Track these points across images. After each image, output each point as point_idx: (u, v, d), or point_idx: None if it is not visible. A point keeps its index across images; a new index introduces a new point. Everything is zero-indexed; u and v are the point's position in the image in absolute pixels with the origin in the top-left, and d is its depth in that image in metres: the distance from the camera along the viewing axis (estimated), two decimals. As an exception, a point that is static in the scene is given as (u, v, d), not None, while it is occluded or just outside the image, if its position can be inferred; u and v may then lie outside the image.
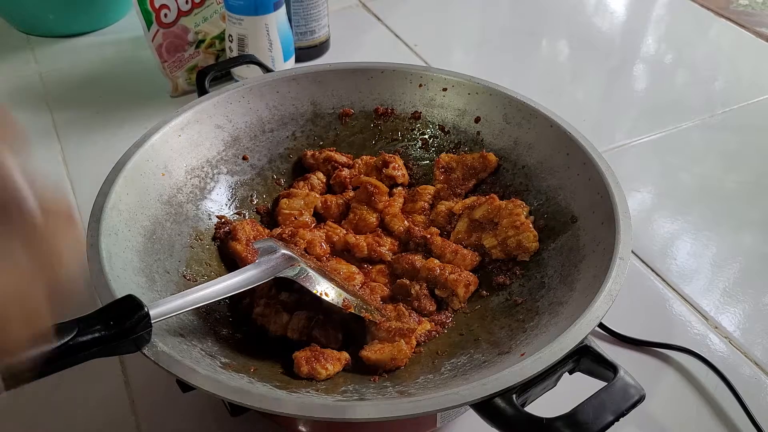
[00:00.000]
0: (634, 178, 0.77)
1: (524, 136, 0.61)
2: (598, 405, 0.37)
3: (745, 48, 1.01)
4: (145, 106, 0.87)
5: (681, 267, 0.67)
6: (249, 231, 0.58)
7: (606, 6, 1.13)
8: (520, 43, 1.02)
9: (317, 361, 0.47)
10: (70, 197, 0.75)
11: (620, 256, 0.47)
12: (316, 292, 0.49)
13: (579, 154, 0.56)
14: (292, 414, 0.38)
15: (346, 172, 0.65)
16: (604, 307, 0.44)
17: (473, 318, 0.54)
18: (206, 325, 0.50)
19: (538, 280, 0.54)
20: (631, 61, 0.99)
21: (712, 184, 0.78)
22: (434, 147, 0.67)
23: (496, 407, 0.38)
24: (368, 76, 0.67)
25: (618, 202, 0.51)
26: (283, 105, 0.66)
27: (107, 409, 0.55)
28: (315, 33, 0.94)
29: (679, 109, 0.88)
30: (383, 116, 0.67)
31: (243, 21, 0.82)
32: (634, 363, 0.58)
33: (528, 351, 0.43)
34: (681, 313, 0.63)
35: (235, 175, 0.63)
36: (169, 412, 0.55)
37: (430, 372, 0.48)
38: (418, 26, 1.04)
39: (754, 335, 0.60)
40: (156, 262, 0.52)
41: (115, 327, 0.39)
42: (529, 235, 0.56)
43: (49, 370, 0.37)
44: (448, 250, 0.57)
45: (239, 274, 0.47)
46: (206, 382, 0.40)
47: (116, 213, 0.51)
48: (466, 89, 0.65)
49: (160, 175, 0.57)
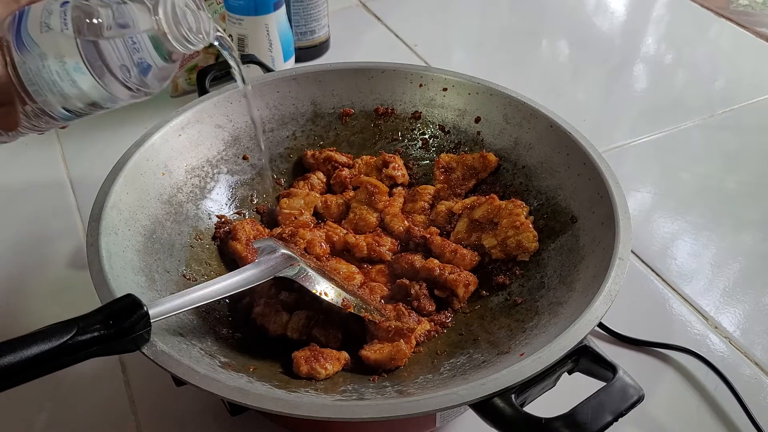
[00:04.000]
0: (634, 178, 0.77)
1: (524, 136, 0.61)
2: (597, 405, 0.37)
3: (745, 48, 1.01)
4: (145, 106, 0.86)
5: (681, 267, 0.67)
6: (249, 231, 0.58)
7: (606, 6, 1.12)
8: (520, 43, 1.02)
9: (317, 360, 0.47)
10: (70, 195, 0.75)
11: (620, 256, 0.47)
12: (316, 292, 0.49)
13: (579, 154, 0.56)
14: (291, 414, 0.38)
15: (346, 172, 0.65)
16: (604, 308, 0.44)
17: (473, 318, 0.54)
18: (206, 325, 0.50)
19: (538, 280, 0.54)
20: (631, 61, 0.99)
21: (712, 184, 0.78)
22: (434, 147, 0.67)
23: (495, 407, 0.38)
24: (368, 76, 0.67)
25: (618, 202, 0.51)
26: (284, 105, 0.66)
27: (107, 409, 0.55)
28: (315, 33, 0.94)
29: (679, 109, 0.88)
30: (383, 116, 0.67)
31: (243, 21, 0.82)
32: (633, 363, 0.58)
33: (527, 351, 0.43)
34: (681, 313, 0.63)
35: (235, 175, 0.63)
36: (169, 412, 0.55)
37: (430, 372, 0.48)
38: (418, 26, 1.04)
39: (754, 335, 0.60)
40: (156, 262, 0.52)
41: (115, 326, 0.39)
42: (529, 235, 0.56)
43: (49, 369, 0.37)
44: (448, 250, 0.57)
45: (239, 274, 0.47)
46: (206, 382, 0.40)
47: (116, 212, 0.51)
48: (467, 89, 0.65)
49: (160, 175, 0.57)
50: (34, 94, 0.43)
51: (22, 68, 0.42)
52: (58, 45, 0.41)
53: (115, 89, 0.43)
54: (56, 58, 0.41)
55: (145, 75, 0.44)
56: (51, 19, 0.41)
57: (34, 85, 0.42)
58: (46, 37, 0.41)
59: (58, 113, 0.44)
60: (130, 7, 0.42)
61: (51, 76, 0.42)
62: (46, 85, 0.42)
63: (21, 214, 0.74)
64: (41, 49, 0.41)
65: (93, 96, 0.43)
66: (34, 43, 0.41)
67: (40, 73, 0.42)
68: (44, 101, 0.43)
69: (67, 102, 0.43)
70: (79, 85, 0.42)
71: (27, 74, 0.42)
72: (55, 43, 0.41)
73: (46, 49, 0.41)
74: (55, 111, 0.44)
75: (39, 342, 0.37)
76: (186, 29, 0.43)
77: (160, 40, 0.43)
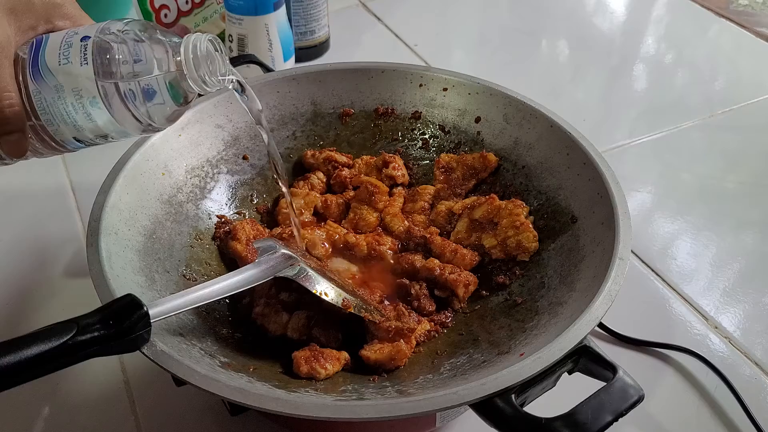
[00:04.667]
0: (634, 178, 0.77)
1: (524, 136, 0.61)
2: (597, 405, 0.37)
3: (745, 48, 1.01)
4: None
5: (681, 267, 0.67)
6: (249, 231, 0.58)
7: (606, 6, 1.12)
8: (520, 43, 1.02)
9: (317, 360, 0.47)
10: (70, 197, 0.75)
11: (620, 257, 0.47)
12: (316, 292, 0.49)
13: (579, 154, 0.56)
14: (291, 413, 0.38)
15: (347, 172, 0.65)
16: (604, 308, 0.43)
17: (473, 318, 0.54)
18: (206, 325, 0.50)
19: (538, 280, 0.54)
20: (631, 61, 0.99)
21: (712, 184, 0.78)
22: (434, 147, 0.67)
23: (495, 407, 0.38)
24: (368, 75, 0.67)
25: (618, 202, 0.51)
26: (283, 105, 0.66)
27: (107, 409, 0.55)
28: (315, 33, 0.94)
29: (679, 109, 0.88)
30: (383, 116, 0.67)
31: (243, 21, 0.82)
32: (633, 363, 0.58)
33: (527, 351, 0.43)
34: (681, 313, 0.63)
35: (235, 175, 0.63)
36: (169, 412, 0.55)
37: (430, 372, 0.48)
38: (418, 26, 1.04)
39: (754, 335, 0.60)
40: (156, 262, 0.52)
41: (115, 326, 0.39)
42: (529, 235, 0.56)
43: (49, 369, 0.37)
44: (448, 250, 0.57)
45: (239, 274, 0.47)
46: (206, 382, 0.40)
47: (116, 212, 0.51)
48: (467, 89, 0.65)
49: (160, 175, 0.57)
50: (46, 123, 0.43)
51: (37, 97, 0.42)
52: (77, 79, 0.42)
53: (128, 125, 0.44)
54: (73, 92, 0.42)
55: (159, 114, 0.44)
56: (71, 52, 0.42)
57: (46, 114, 0.43)
58: (64, 69, 0.42)
59: (68, 143, 0.45)
60: (151, 47, 0.43)
61: (66, 108, 0.42)
62: (60, 116, 0.43)
63: (21, 215, 0.74)
64: (58, 81, 0.42)
65: (106, 129, 0.44)
66: (51, 74, 0.42)
67: (54, 104, 0.42)
68: (56, 131, 0.44)
69: (78, 133, 0.44)
70: (94, 118, 0.43)
71: (41, 103, 0.42)
72: (74, 76, 0.41)
73: (63, 81, 0.42)
74: (65, 140, 0.45)
75: (39, 342, 0.37)
76: (204, 71, 0.44)
77: (177, 81, 0.44)
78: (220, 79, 0.46)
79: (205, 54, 0.44)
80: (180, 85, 0.44)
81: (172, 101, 0.44)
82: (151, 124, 0.44)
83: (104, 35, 0.42)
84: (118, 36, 0.42)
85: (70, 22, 0.46)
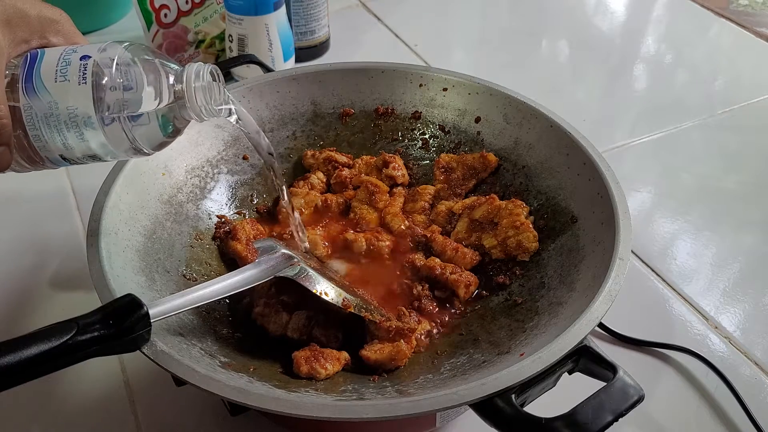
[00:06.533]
0: (634, 178, 0.77)
1: (524, 136, 0.61)
2: (597, 405, 0.37)
3: (745, 48, 1.01)
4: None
5: (681, 267, 0.67)
6: (249, 230, 0.58)
7: (606, 6, 1.12)
8: (520, 43, 1.02)
9: (317, 360, 0.47)
10: (70, 197, 0.75)
11: (620, 256, 0.47)
12: (316, 292, 0.49)
13: (579, 154, 0.56)
14: (291, 413, 0.38)
15: (347, 172, 0.65)
16: (604, 308, 0.44)
17: (473, 318, 0.54)
18: (206, 325, 0.50)
19: (538, 280, 0.54)
20: (631, 61, 0.99)
21: (712, 184, 0.78)
22: (434, 147, 0.67)
23: (495, 407, 0.38)
24: (368, 75, 0.67)
25: (618, 202, 0.51)
26: (284, 105, 0.66)
27: (107, 409, 0.55)
28: (315, 33, 0.94)
29: (679, 109, 0.88)
30: (383, 116, 0.67)
31: (243, 21, 0.82)
32: (633, 363, 0.58)
33: (527, 351, 0.43)
34: (681, 313, 0.63)
35: (235, 175, 0.63)
36: (169, 412, 0.55)
37: (430, 372, 0.48)
38: (418, 26, 1.04)
39: (754, 335, 0.60)
40: (156, 262, 0.52)
41: (115, 326, 0.39)
42: (529, 235, 0.56)
43: (48, 369, 0.37)
44: (449, 248, 0.57)
45: (239, 274, 0.47)
46: (205, 382, 0.40)
47: (116, 212, 0.51)
48: (467, 89, 0.65)
49: (160, 175, 0.57)
50: (34, 138, 0.42)
51: (27, 112, 0.41)
52: (73, 97, 0.41)
53: (120, 147, 0.43)
54: (67, 110, 0.41)
55: (150, 139, 0.44)
56: (68, 70, 0.41)
57: (35, 129, 0.42)
58: (61, 87, 0.41)
59: (54, 159, 0.44)
60: (151, 73, 0.42)
61: (57, 125, 0.42)
62: (49, 133, 0.42)
63: (21, 215, 0.74)
64: (52, 98, 0.41)
65: (96, 150, 0.43)
66: (46, 90, 0.41)
67: (45, 120, 0.42)
68: (43, 147, 0.43)
69: (66, 151, 0.43)
70: (86, 138, 0.42)
71: (31, 118, 0.42)
72: (70, 94, 0.41)
73: (58, 99, 0.41)
74: (51, 157, 0.44)
75: (39, 342, 0.37)
76: (204, 101, 0.44)
77: (175, 109, 0.44)
78: (218, 108, 0.46)
79: (206, 85, 0.44)
80: (177, 113, 0.44)
81: (166, 129, 0.44)
82: (143, 148, 0.44)
83: (105, 57, 0.42)
84: (120, 59, 0.42)
85: (64, 39, 0.45)
